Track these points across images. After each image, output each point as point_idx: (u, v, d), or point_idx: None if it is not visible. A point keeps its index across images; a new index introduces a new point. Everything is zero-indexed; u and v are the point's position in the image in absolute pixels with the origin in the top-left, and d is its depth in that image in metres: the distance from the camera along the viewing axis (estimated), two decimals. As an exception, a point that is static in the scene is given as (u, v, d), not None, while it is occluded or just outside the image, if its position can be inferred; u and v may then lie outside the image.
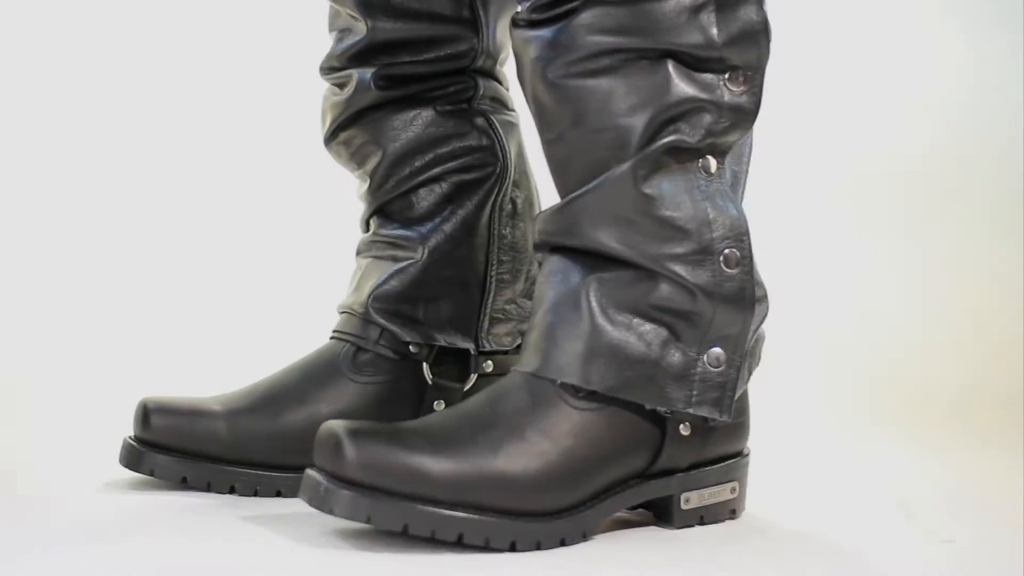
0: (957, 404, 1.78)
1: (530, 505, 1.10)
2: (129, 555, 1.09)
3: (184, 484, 1.27)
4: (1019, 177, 2.05)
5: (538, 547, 1.11)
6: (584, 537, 1.13)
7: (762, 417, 1.71)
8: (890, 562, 1.14)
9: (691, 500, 1.19)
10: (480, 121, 1.37)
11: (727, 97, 1.13)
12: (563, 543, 1.12)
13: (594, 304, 1.14)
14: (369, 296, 1.34)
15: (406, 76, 1.35)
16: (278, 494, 1.28)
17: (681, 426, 1.17)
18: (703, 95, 1.12)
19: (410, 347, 1.34)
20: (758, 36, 1.13)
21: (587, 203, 1.14)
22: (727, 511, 1.22)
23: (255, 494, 1.28)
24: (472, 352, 1.35)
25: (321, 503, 1.09)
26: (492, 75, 1.39)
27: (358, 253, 1.40)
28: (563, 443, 1.12)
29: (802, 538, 1.20)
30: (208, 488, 1.27)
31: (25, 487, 1.31)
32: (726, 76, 1.13)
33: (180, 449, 1.27)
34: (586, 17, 1.11)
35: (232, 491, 1.27)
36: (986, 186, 2.08)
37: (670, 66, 1.12)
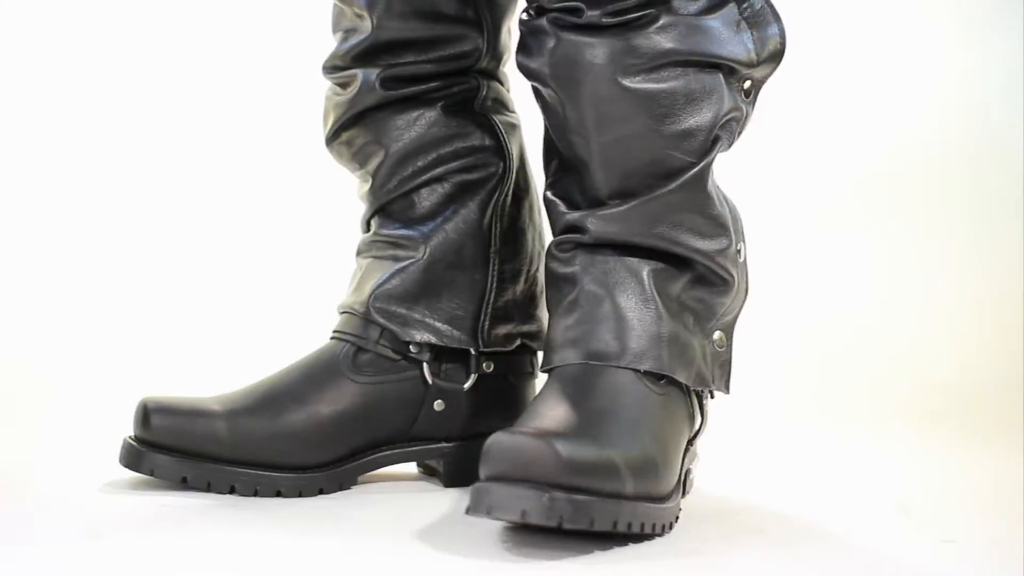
0: (957, 403, 1.77)
1: (662, 489, 1.15)
2: (129, 555, 1.09)
3: (184, 484, 1.27)
4: (1020, 177, 2.05)
5: (671, 528, 1.16)
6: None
7: (762, 416, 1.71)
8: (890, 562, 1.14)
9: (692, 470, 1.25)
10: (483, 122, 1.37)
11: (745, 107, 1.23)
12: (677, 520, 1.17)
13: (657, 296, 1.20)
14: (370, 295, 1.34)
15: (411, 76, 1.35)
16: (278, 494, 1.28)
17: (706, 401, 1.25)
18: (739, 105, 1.21)
19: (410, 347, 1.34)
20: (778, 57, 1.22)
21: (665, 205, 1.20)
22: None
23: (255, 494, 1.28)
24: (472, 352, 1.35)
25: (544, 514, 1.05)
26: (495, 76, 1.39)
27: (358, 253, 1.40)
28: (666, 428, 1.17)
29: (802, 537, 1.20)
30: (208, 488, 1.27)
31: (25, 487, 1.31)
32: (743, 87, 1.22)
33: (180, 449, 1.27)
34: (661, 25, 1.17)
35: (232, 491, 1.27)
36: (988, 186, 2.07)
37: (720, 77, 1.19)
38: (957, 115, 2.10)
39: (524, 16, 1.25)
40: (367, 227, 1.40)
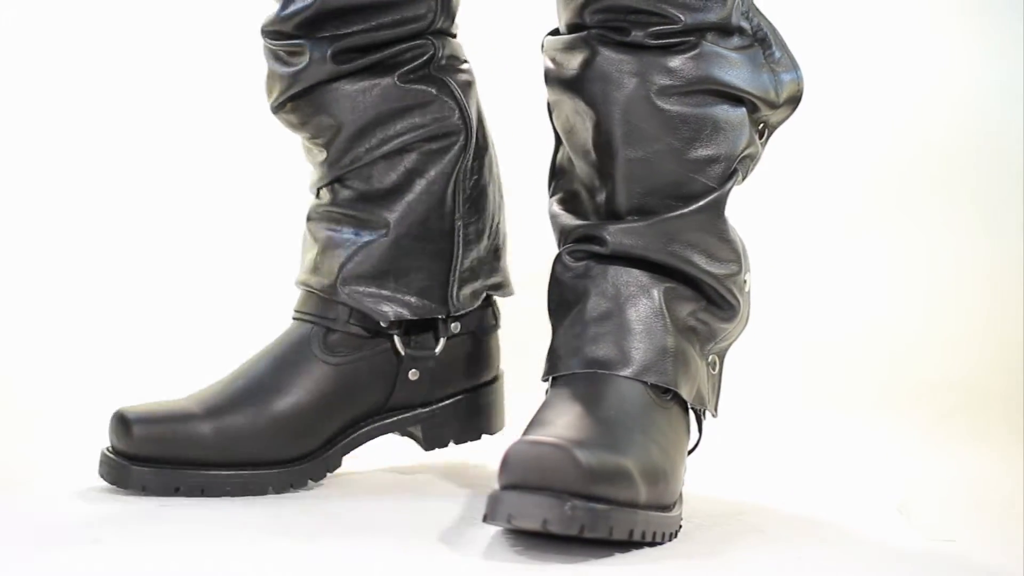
0: (957, 404, 1.78)
1: (669, 498, 1.16)
2: (130, 558, 1.08)
3: (178, 493, 1.26)
4: (1022, 177, 2.05)
5: (675, 537, 1.16)
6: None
7: (763, 416, 1.71)
8: (890, 561, 1.15)
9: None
10: (440, 86, 1.33)
11: (759, 147, 1.27)
12: (680, 528, 1.17)
13: (667, 312, 1.21)
14: (337, 276, 1.31)
15: (363, 47, 1.30)
16: (269, 490, 1.27)
17: (703, 419, 1.26)
18: (755, 142, 1.25)
19: (380, 322, 1.32)
20: (795, 102, 1.27)
21: (682, 224, 1.22)
22: None
23: (247, 494, 1.27)
24: (441, 318, 1.34)
25: (565, 523, 1.05)
26: (449, 33, 1.36)
27: (309, 219, 1.35)
28: (670, 438, 1.18)
29: (802, 537, 1.20)
30: (203, 494, 1.26)
31: (25, 488, 1.30)
32: (758, 128, 1.26)
33: (166, 459, 1.25)
34: (699, 53, 1.21)
35: (227, 494, 1.26)
36: (992, 187, 2.07)
37: (744, 112, 1.23)
38: (962, 116, 2.10)
39: (552, 37, 1.26)
40: (317, 194, 1.36)
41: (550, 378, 1.23)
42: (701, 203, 1.22)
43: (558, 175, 1.29)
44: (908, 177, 2.09)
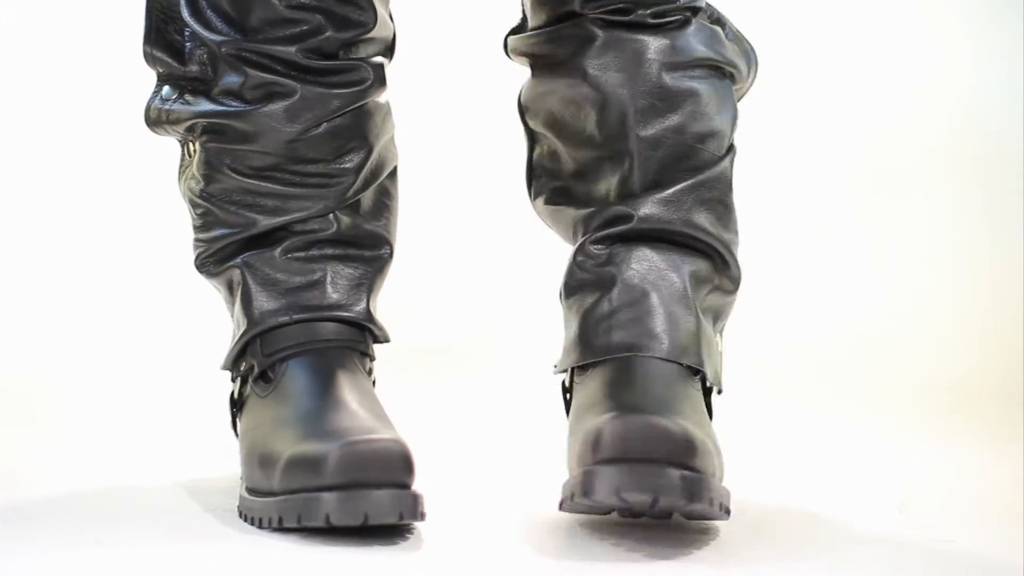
0: (957, 403, 1.78)
1: (723, 472, 1.16)
2: (129, 556, 1.09)
3: None
4: (1021, 175, 2.05)
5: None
6: None
7: (764, 415, 1.71)
8: (890, 561, 1.14)
9: None
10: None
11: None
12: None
13: (691, 294, 1.22)
14: (367, 307, 1.27)
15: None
16: None
17: (713, 398, 1.26)
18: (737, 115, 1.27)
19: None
20: (754, 76, 1.30)
21: (697, 189, 1.24)
22: None
23: None
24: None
25: (677, 494, 1.06)
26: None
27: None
28: (705, 419, 1.19)
29: (801, 536, 1.20)
30: None
31: (25, 488, 1.30)
32: None
33: None
34: (694, 29, 1.24)
35: None
36: (993, 185, 2.07)
37: (731, 84, 1.26)
38: (962, 116, 2.10)
39: (520, 35, 1.27)
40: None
41: (569, 369, 1.23)
42: (708, 172, 1.24)
43: (538, 175, 1.28)
44: (909, 176, 2.10)
